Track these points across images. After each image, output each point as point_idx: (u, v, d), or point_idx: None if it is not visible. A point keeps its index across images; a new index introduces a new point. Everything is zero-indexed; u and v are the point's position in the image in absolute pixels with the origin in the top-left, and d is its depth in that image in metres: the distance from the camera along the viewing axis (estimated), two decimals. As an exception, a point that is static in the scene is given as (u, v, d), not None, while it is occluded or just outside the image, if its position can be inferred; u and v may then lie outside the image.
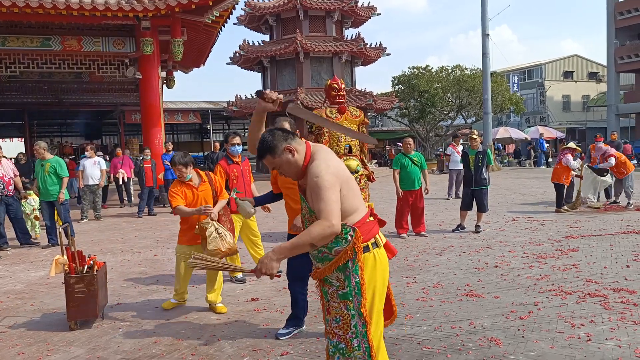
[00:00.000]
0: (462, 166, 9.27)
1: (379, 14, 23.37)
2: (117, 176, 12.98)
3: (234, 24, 23.38)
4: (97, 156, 11.74)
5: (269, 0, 21.99)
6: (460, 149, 11.98)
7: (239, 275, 5.52)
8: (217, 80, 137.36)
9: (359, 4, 22.35)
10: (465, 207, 8.19)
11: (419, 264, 6.05)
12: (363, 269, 2.42)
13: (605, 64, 38.35)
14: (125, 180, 13.19)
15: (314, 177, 2.35)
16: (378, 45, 22.87)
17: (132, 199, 13.50)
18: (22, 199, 8.83)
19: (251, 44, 21.97)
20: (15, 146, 35.67)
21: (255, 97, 23.06)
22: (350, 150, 6.36)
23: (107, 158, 15.06)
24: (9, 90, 22.65)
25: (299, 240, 2.30)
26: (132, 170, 13.22)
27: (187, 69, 19.94)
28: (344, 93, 6.44)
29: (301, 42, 20.10)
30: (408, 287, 5.06)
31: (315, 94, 20.46)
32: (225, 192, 4.70)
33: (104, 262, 4.65)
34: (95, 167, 11.14)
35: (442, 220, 9.37)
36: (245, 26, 23.28)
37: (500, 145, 31.48)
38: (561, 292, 4.66)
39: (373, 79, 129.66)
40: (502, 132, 30.53)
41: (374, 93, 23.00)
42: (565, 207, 9.79)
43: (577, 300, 4.45)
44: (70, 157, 19.97)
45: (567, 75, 46.41)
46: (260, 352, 3.63)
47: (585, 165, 10.27)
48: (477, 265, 5.83)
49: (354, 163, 6.25)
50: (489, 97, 22.71)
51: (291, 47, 20.26)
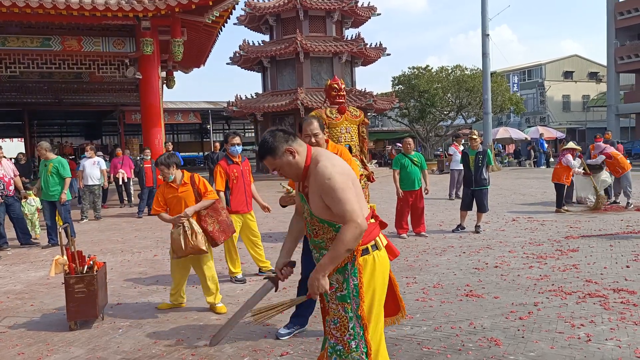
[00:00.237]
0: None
1: (379, 14, 23.39)
2: (117, 176, 12.99)
3: (234, 24, 23.43)
4: (97, 156, 11.75)
5: (269, 0, 21.99)
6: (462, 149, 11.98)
7: (239, 276, 5.53)
8: (217, 80, 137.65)
9: (359, 4, 22.36)
10: (465, 207, 8.18)
11: (419, 264, 6.05)
12: (362, 272, 2.41)
13: (605, 64, 38.41)
14: (125, 181, 13.19)
15: (326, 180, 2.32)
16: (378, 46, 22.88)
17: (132, 199, 13.50)
18: (22, 199, 8.84)
19: (251, 44, 21.98)
20: (15, 146, 35.74)
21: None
22: (350, 151, 6.36)
23: (107, 158, 15.06)
24: (9, 90, 22.65)
25: (334, 252, 2.31)
26: (132, 171, 13.23)
27: (187, 69, 19.93)
28: (344, 93, 6.45)
29: (301, 42, 20.10)
30: (408, 287, 5.06)
31: (315, 94, 20.47)
32: (213, 192, 4.69)
33: (104, 262, 4.65)
34: (94, 167, 11.15)
35: (442, 220, 9.36)
36: (245, 26, 23.29)
37: (500, 145, 31.47)
38: (561, 293, 4.66)
39: (373, 79, 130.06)
40: (502, 132, 30.53)
41: (374, 93, 23.02)
42: (565, 207, 9.80)
43: (577, 300, 4.45)
44: (71, 157, 19.98)
45: (567, 75, 46.42)
46: (260, 352, 3.63)
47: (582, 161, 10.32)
48: (477, 266, 5.83)
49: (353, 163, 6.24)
50: (489, 97, 22.72)
51: (291, 47, 20.26)
